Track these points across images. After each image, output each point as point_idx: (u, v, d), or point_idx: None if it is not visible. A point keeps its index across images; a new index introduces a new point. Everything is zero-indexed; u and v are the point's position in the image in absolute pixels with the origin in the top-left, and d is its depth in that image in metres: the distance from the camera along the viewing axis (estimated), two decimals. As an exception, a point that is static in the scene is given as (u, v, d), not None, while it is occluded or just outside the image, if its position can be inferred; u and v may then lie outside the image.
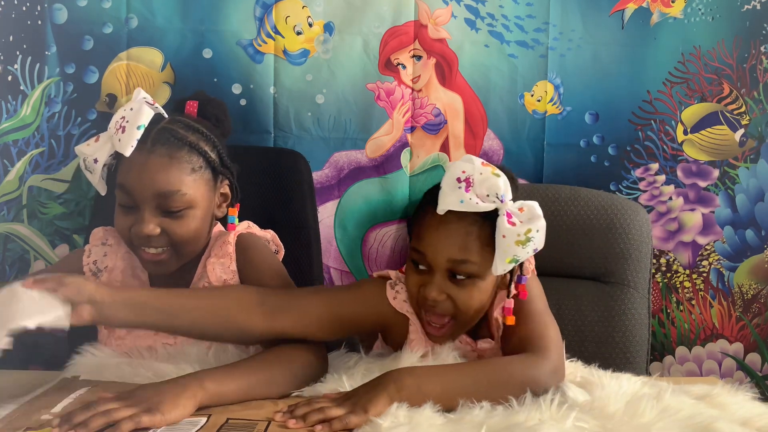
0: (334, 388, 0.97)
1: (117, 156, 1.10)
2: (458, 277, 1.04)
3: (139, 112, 1.07)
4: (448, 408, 0.91)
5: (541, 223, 1.01)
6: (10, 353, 1.13)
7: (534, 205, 1.02)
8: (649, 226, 1.49)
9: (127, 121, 1.07)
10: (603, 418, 0.87)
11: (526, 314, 1.07)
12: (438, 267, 1.04)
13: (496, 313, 1.10)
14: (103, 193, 1.13)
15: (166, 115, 1.13)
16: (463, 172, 1.03)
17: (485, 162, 1.06)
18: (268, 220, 1.43)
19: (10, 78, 1.51)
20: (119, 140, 1.06)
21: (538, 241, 1.02)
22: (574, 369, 1.07)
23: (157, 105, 1.13)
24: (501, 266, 1.01)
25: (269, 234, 1.27)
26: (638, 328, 1.43)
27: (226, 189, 1.19)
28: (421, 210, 1.09)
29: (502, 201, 1.01)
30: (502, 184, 1.02)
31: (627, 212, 1.46)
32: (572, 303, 1.44)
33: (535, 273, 1.16)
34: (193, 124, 1.13)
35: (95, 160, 1.09)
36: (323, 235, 1.57)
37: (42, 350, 1.39)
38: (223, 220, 1.22)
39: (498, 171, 1.04)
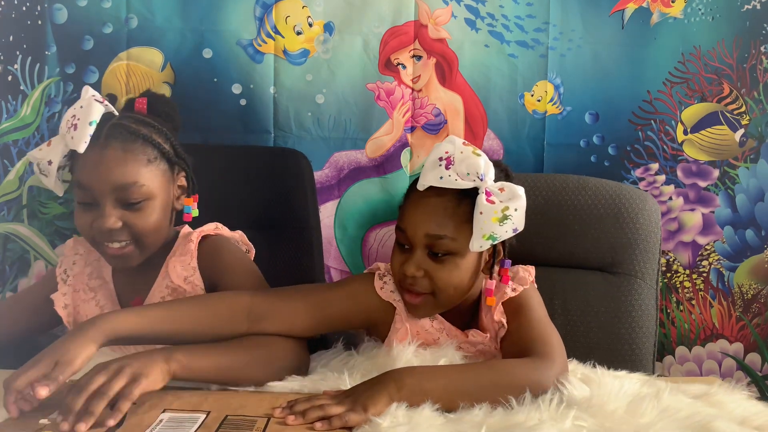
0: (334, 386, 0.97)
1: (72, 156, 1.11)
2: (437, 254, 1.05)
3: (89, 108, 1.08)
4: (449, 409, 0.90)
5: (521, 203, 1.03)
6: (11, 353, 1.14)
7: (516, 187, 1.04)
8: (658, 215, 1.47)
9: (78, 119, 1.08)
10: (602, 417, 0.87)
11: (527, 321, 1.07)
12: (417, 243, 1.05)
13: (497, 316, 1.10)
14: (60, 194, 1.15)
15: (116, 113, 1.14)
16: (446, 152, 1.05)
17: (467, 142, 1.08)
18: (269, 220, 1.43)
19: (10, 78, 1.51)
20: (72, 138, 1.07)
21: (517, 220, 1.03)
22: (575, 367, 1.07)
23: (107, 103, 1.13)
24: (477, 242, 1.02)
25: (237, 234, 1.26)
26: (645, 319, 1.42)
27: (182, 181, 1.20)
28: (407, 193, 1.11)
29: (481, 179, 1.03)
30: (483, 163, 1.04)
31: (635, 201, 1.44)
32: (579, 293, 1.43)
33: (535, 285, 1.16)
34: (143, 119, 1.15)
35: (49, 162, 1.10)
36: (323, 235, 1.57)
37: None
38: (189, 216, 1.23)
39: (479, 151, 1.06)
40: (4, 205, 1.53)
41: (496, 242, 1.04)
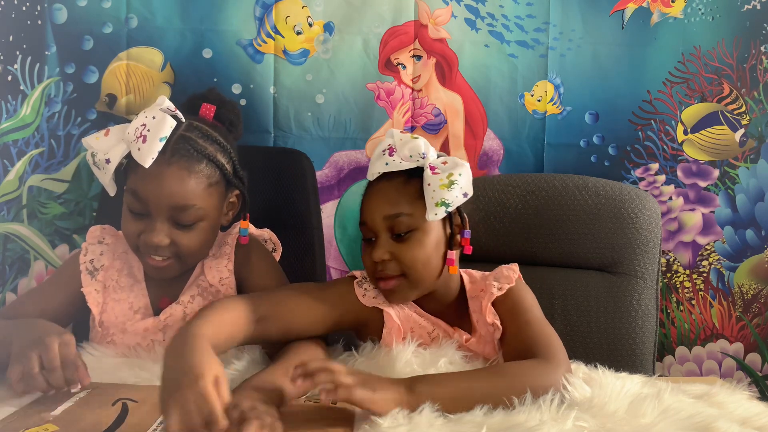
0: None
1: (129, 156, 1.08)
2: (399, 234, 1.08)
3: (162, 122, 1.05)
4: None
5: (465, 170, 1.08)
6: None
7: (458, 159, 1.10)
8: (659, 215, 1.47)
9: (149, 130, 1.05)
10: (603, 417, 0.87)
11: (526, 323, 1.07)
12: (378, 228, 1.08)
13: (489, 318, 1.10)
14: (112, 194, 1.12)
15: (183, 119, 1.11)
16: (388, 145, 1.12)
17: (404, 131, 1.16)
18: (271, 221, 1.43)
19: (10, 78, 1.51)
20: (139, 149, 1.04)
21: (465, 184, 1.07)
22: (576, 367, 1.07)
23: (178, 112, 1.11)
24: (432, 211, 1.06)
25: (266, 233, 1.27)
26: (645, 319, 1.41)
27: (234, 198, 1.20)
28: (363, 194, 1.15)
29: (423, 158, 1.09)
30: (422, 144, 1.09)
31: (635, 201, 1.44)
32: (579, 294, 1.43)
33: (524, 282, 1.16)
34: (210, 133, 1.12)
35: (107, 161, 1.06)
36: (324, 235, 1.57)
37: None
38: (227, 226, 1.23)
39: (417, 136, 1.12)
40: (4, 205, 1.53)
41: (450, 209, 1.06)
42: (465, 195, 1.08)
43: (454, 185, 1.06)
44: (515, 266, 1.17)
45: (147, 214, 1.08)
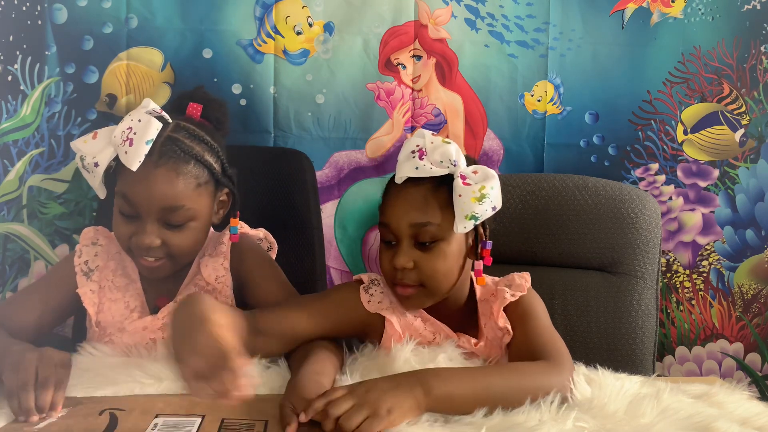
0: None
1: (117, 159, 1.08)
2: (423, 243, 1.06)
3: (147, 125, 1.06)
4: (472, 412, 0.89)
5: (496, 182, 1.05)
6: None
7: (489, 169, 1.07)
8: (658, 215, 1.47)
9: (135, 133, 1.05)
10: (603, 418, 0.87)
11: (535, 329, 1.08)
12: (402, 234, 1.06)
13: (501, 322, 1.10)
14: (102, 197, 1.12)
15: (169, 120, 1.11)
16: (417, 145, 1.08)
17: (435, 133, 1.11)
18: (271, 221, 1.43)
19: (10, 78, 1.51)
20: (125, 152, 1.05)
21: (495, 198, 1.05)
22: (576, 368, 1.07)
23: (163, 113, 1.11)
24: (461, 224, 1.04)
25: (261, 232, 1.28)
26: (645, 319, 1.42)
27: (224, 197, 1.20)
28: (385, 191, 1.13)
29: (455, 165, 1.05)
30: (454, 150, 1.06)
31: (636, 201, 1.44)
32: (579, 294, 1.43)
33: (535, 292, 1.16)
34: (197, 133, 1.12)
35: (96, 164, 1.07)
36: (324, 235, 1.57)
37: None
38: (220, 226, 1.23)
39: (449, 140, 1.08)
40: (4, 205, 1.53)
41: (478, 222, 1.05)
42: (494, 208, 1.06)
43: (485, 198, 1.03)
44: (527, 275, 1.17)
45: (137, 216, 1.08)
